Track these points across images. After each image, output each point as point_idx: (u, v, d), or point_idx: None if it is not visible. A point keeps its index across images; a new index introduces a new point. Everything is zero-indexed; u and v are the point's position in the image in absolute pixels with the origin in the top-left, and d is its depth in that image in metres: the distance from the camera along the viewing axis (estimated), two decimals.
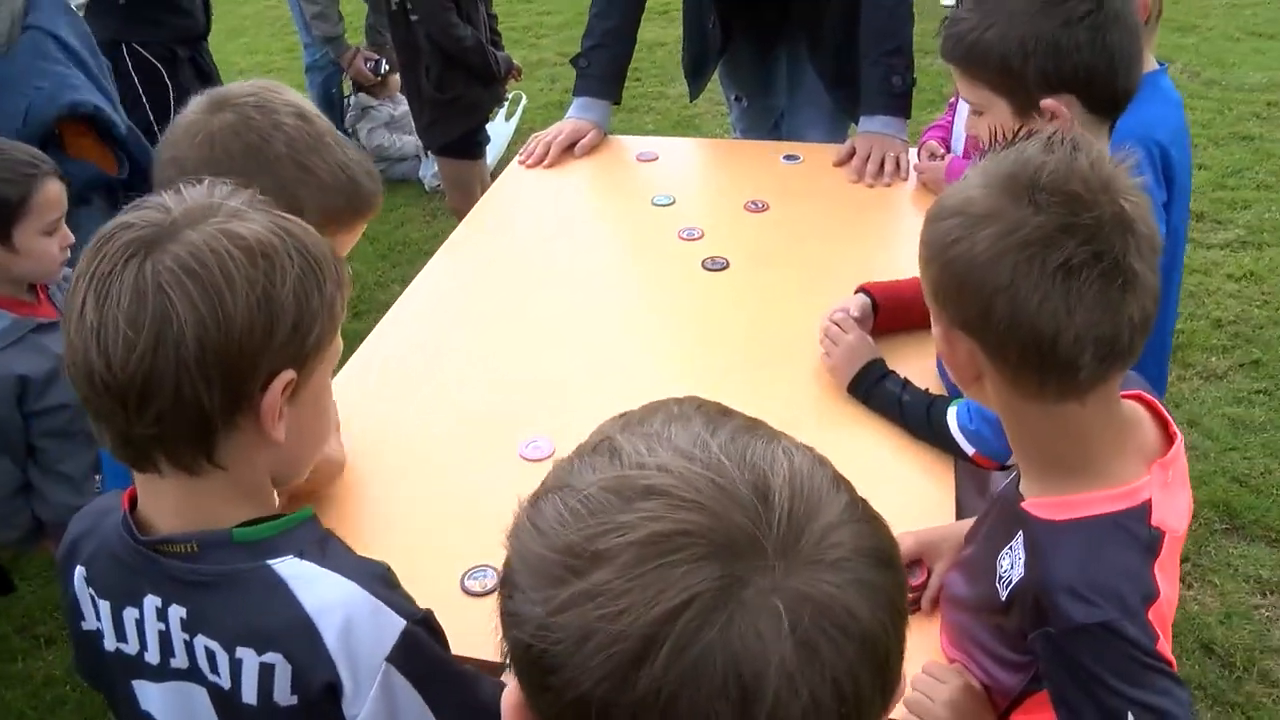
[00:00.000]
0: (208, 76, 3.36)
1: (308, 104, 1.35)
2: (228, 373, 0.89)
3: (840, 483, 0.62)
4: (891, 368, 1.65)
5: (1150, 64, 1.65)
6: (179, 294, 0.87)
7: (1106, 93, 1.39)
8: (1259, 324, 3.40)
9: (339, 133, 1.37)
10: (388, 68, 4.40)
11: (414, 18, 3.34)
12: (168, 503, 0.96)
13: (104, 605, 1.00)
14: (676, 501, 0.57)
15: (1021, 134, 1.04)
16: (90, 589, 1.01)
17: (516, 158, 2.56)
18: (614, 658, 0.54)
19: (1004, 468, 1.46)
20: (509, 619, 0.61)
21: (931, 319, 1.06)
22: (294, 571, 0.95)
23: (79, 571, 1.02)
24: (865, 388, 1.63)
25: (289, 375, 0.92)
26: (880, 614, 0.58)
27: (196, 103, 1.31)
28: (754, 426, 0.64)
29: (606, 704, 0.55)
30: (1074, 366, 0.96)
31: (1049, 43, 1.36)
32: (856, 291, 1.77)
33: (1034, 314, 0.94)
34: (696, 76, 2.96)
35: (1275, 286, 3.63)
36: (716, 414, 0.65)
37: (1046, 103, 1.37)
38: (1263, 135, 4.63)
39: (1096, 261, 0.93)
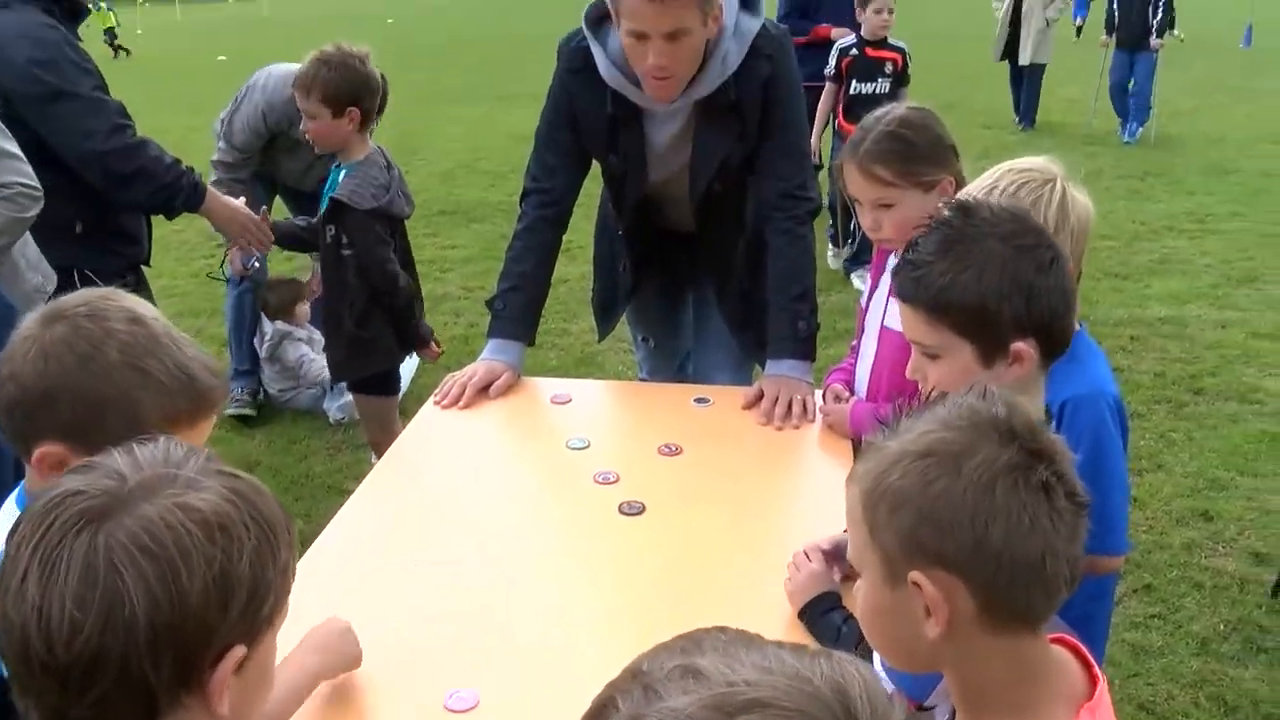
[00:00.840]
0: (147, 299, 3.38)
1: (145, 306, 1.33)
2: (178, 652, 0.86)
3: (889, 690, 0.69)
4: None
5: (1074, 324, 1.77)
6: (132, 573, 0.85)
7: (1060, 334, 1.46)
8: (1146, 549, 3.55)
9: (177, 331, 1.34)
10: (257, 264, 4.35)
11: (346, 252, 3.24)
12: None
13: None
14: (779, 711, 0.62)
15: (934, 395, 1.13)
16: None
17: (432, 398, 2.58)
18: None
19: (920, 708, 1.48)
20: None
21: (876, 581, 1.05)
22: None
23: None
24: (812, 616, 1.67)
25: (240, 652, 0.90)
26: None
27: (31, 318, 1.29)
28: (803, 645, 0.70)
29: None
30: (1057, 585, 1.01)
31: (1025, 286, 1.42)
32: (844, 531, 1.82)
33: (1027, 534, 0.98)
34: (605, 318, 3.07)
35: (1156, 511, 3.81)
36: (759, 637, 0.71)
37: (1017, 346, 1.43)
38: (1130, 367, 4.97)
39: (1060, 483, 1.00)
